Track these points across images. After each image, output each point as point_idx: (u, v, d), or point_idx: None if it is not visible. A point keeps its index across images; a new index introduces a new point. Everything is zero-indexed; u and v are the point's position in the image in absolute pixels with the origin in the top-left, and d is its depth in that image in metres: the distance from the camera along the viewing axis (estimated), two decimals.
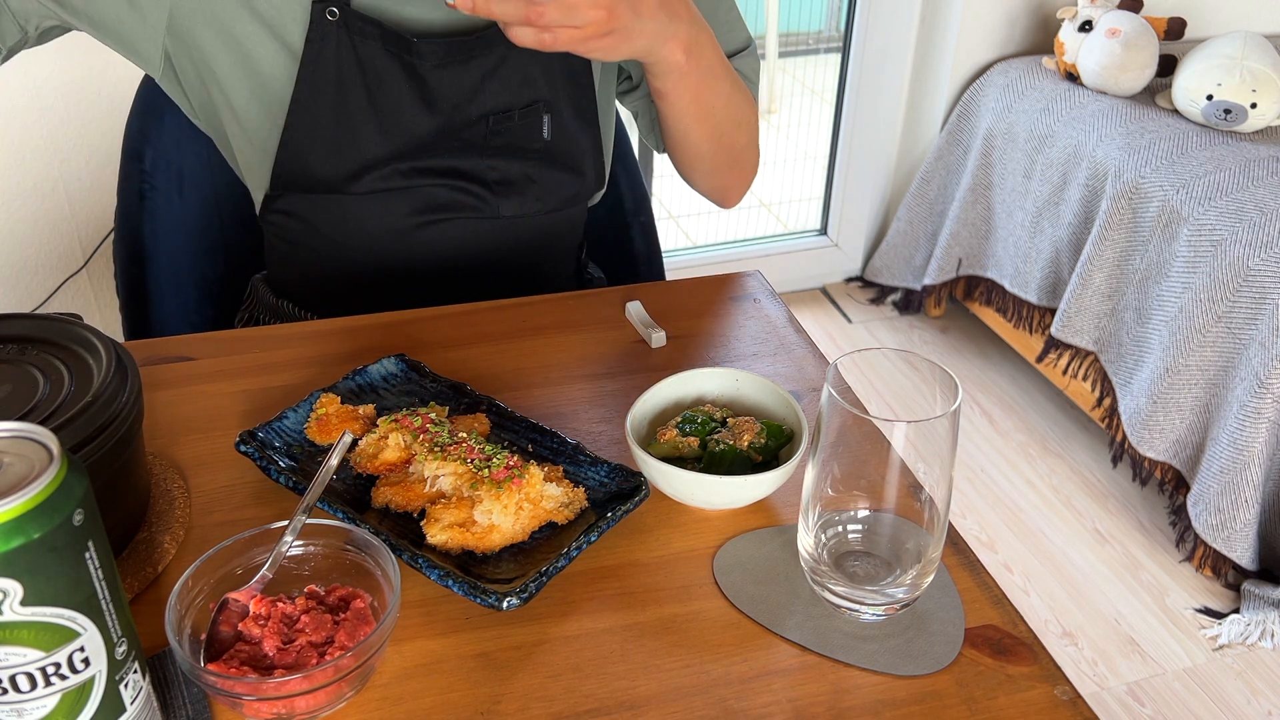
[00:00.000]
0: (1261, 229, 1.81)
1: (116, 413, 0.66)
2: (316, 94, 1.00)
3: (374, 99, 1.01)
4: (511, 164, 1.08)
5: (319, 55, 0.98)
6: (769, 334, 0.99)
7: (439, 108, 1.03)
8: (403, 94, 1.02)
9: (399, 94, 1.02)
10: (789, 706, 0.63)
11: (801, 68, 3.80)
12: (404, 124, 1.03)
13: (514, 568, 0.69)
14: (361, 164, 1.03)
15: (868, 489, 0.66)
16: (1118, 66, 2.16)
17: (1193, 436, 1.91)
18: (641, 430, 0.79)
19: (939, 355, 2.53)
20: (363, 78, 1.00)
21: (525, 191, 1.10)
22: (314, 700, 0.59)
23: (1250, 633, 1.79)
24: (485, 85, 1.03)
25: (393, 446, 0.75)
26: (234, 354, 0.93)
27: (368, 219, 1.07)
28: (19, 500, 0.46)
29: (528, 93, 1.05)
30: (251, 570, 0.64)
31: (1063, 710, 0.63)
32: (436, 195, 1.07)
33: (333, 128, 1.01)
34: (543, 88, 1.06)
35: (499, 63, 1.03)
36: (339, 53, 0.98)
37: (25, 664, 0.49)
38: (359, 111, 1.01)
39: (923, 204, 2.51)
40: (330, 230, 1.07)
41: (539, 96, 1.06)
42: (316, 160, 1.03)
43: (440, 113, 1.04)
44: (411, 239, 1.08)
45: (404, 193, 1.06)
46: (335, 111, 1.01)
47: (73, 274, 2.00)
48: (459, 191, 1.07)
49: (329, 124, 1.01)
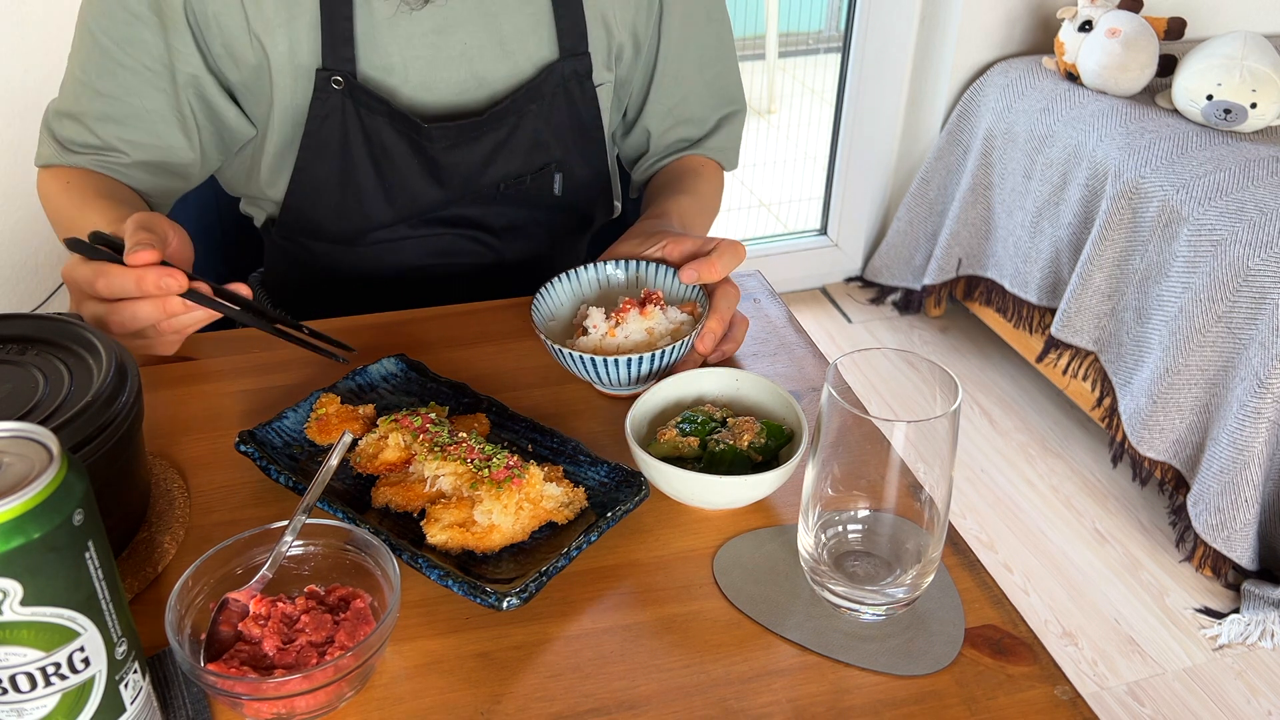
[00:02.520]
0: (1261, 229, 1.81)
1: (116, 413, 0.66)
2: (319, 158, 0.99)
3: (380, 170, 1.00)
4: (520, 211, 1.08)
5: (324, 122, 0.97)
6: (769, 334, 0.99)
7: (449, 183, 1.03)
8: (410, 169, 1.01)
9: (406, 169, 1.01)
10: (789, 706, 0.63)
11: (801, 68, 3.80)
12: (412, 194, 1.03)
13: (514, 568, 0.69)
14: (366, 226, 1.04)
15: (868, 489, 0.66)
16: (1118, 66, 2.16)
17: (1193, 436, 1.91)
18: (641, 430, 0.79)
19: (939, 355, 2.53)
20: (369, 149, 0.99)
21: (533, 236, 1.10)
22: (314, 700, 0.59)
23: (1250, 633, 1.79)
24: (496, 156, 1.03)
25: (393, 446, 0.75)
26: (234, 354, 0.93)
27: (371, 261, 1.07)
28: (19, 500, 0.46)
29: (539, 157, 1.05)
30: (251, 570, 0.64)
31: (1063, 710, 0.63)
32: (443, 242, 1.07)
33: (337, 192, 1.01)
34: (554, 149, 1.06)
35: (510, 132, 1.02)
36: (344, 121, 0.97)
37: (25, 664, 0.49)
38: (365, 179, 1.00)
39: (923, 204, 2.51)
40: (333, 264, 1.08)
41: (550, 158, 1.06)
42: (320, 218, 1.03)
43: (450, 186, 1.03)
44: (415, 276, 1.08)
45: (410, 241, 1.06)
46: (340, 177, 1.00)
47: None
48: (466, 239, 1.08)
49: (333, 189, 1.01)
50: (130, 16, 0.94)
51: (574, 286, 0.94)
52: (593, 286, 0.95)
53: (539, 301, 0.91)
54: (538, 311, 0.90)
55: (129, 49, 0.95)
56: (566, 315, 0.94)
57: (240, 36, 0.95)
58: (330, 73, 0.95)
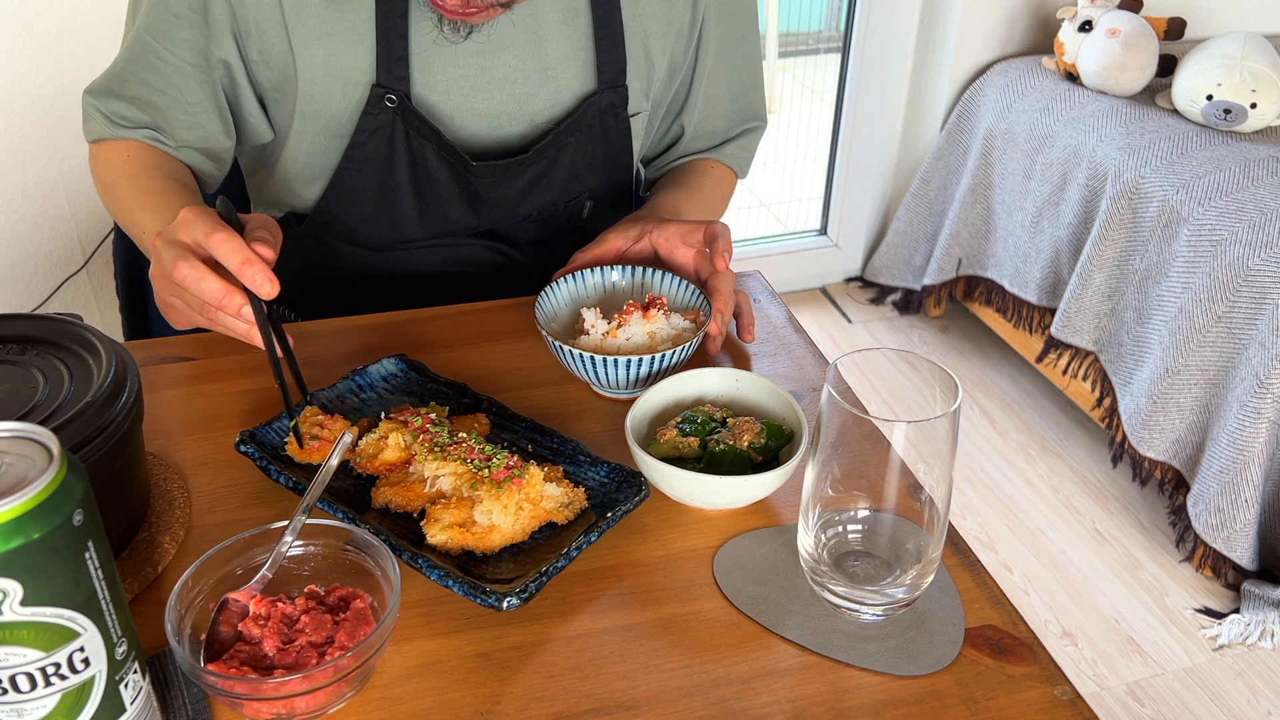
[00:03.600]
0: (1261, 229, 1.81)
1: (116, 413, 0.66)
2: (362, 171, 1.00)
3: (420, 192, 1.02)
4: (545, 229, 1.10)
5: (371, 136, 0.98)
6: (769, 334, 0.99)
7: (486, 213, 1.05)
8: (451, 197, 1.03)
9: (447, 196, 1.03)
10: (789, 706, 0.63)
11: (801, 68, 3.80)
12: (446, 216, 1.04)
13: (514, 568, 0.69)
14: (395, 239, 1.05)
15: (868, 489, 0.66)
16: (1118, 66, 2.16)
17: (1193, 436, 1.91)
18: (641, 430, 0.79)
19: (939, 355, 2.53)
20: (412, 171, 1.00)
21: (555, 250, 1.11)
22: (314, 700, 0.59)
23: (1250, 633, 1.79)
24: (534, 187, 1.05)
25: (393, 446, 0.75)
26: (234, 354, 0.93)
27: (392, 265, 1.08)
28: (19, 500, 0.46)
29: (575, 187, 1.07)
30: (251, 570, 0.64)
31: (1063, 710, 0.63)
32: (465, 251, 1.09)
33: (372, 205, 1.02)
34: (589, 179, 1.08)
35: (549, 165, 1.04)
36: (392, 139, 0.98)
37: (25, 664, 0.49)
38: (404, 198, 1.02)
39: (923, 204, 2.51)
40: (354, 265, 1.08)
41: (585, 188, 1.08)
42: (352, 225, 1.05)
43: (486, 216, 1.05)
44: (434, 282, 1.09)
45: (434, 250, 1.07)
46: (378, 191, 1.01)
47: (73, 274, 2.00)
48: (488, 250, 1.09)
49: (369, 200, 1.02)
50: (173, 17, 0.96)
51: (577, 288, 0.94)
52: (596, 289, 0.95)
53: (542, 301, 0.91)
54: (540, 310, 0.90)
55: (172, 46, 0.97)
56: (568, 316, 0.94)
57: (278, 44, 0.96)
58: (385, 90, 0.96)
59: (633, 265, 0.96)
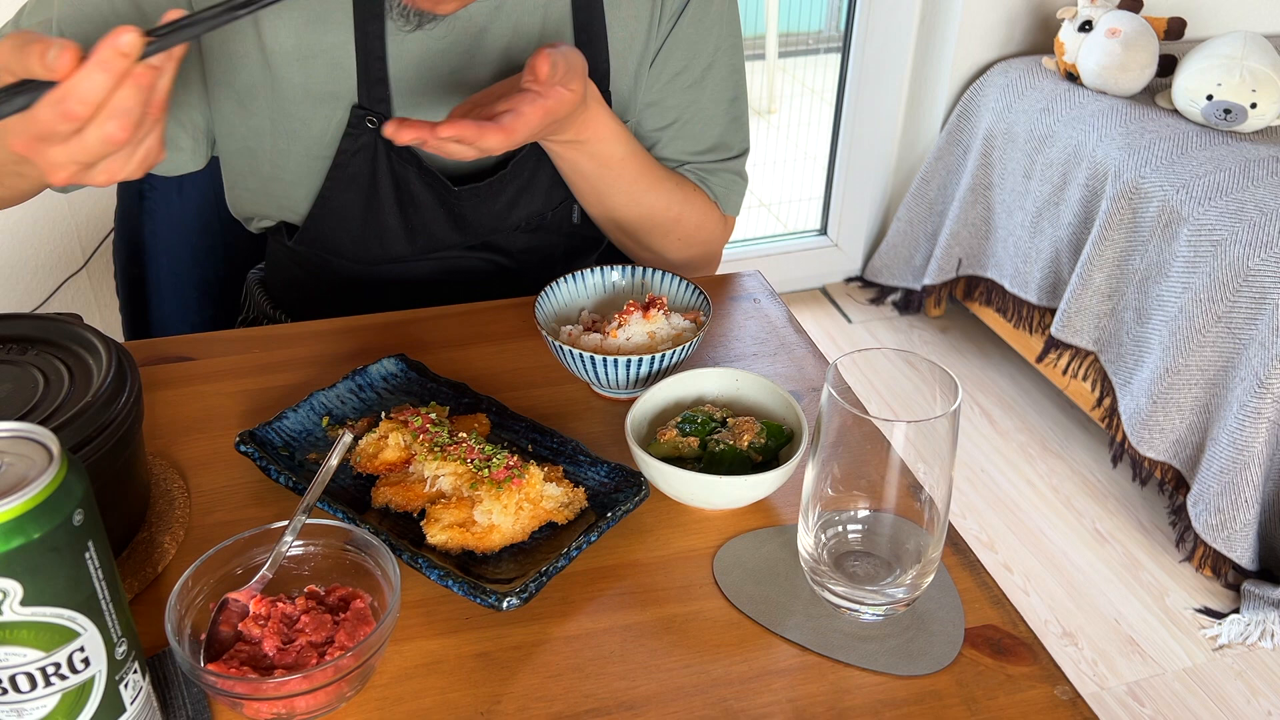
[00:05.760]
0: (1261, 229, 1.81)
1: (116, 413, 0.66)
2: (346, 190, 1.00)
3: (405, 213, 1.01)
4: (536, 237, 1.09)
5: (353, 157, 0.97)
6: (769, 334, 0.99)
7: (473, 230, 1.04)
8: (436, 217, 1.02)
9: (431, 217, 1.02)
10: (789, 706, 0.63)
11: (801, 68, 3.80)
12: (433, 236, 1.03)
13: (514, 568, 0.69)
14: (385, 255, 1.04)
15: (868, 489, 0.66)
16: (1118, 66, 2.16)
17: (1193, 436, 1.91)
18: (641, 430, 0.79)
19: (939, 355, 2.53)
20: (396, 194, 1.00)
21: (547, 257, 1.10)
22: (314, 700, 0.59)
23: (1250, 633, 1.79)
24: (519, 200, 1.04)
25: (393, 446, 0.75)
26: (234, 354, 0.93)
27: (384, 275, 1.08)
28: (19, 500, 0.46)
29: (559, 193, 1.06)
30: (251, 570, 0.64)
31: (1063, 710, 0.63)
32: (458, 263, 1.08)
33: (359, 223, 1.02)
34: None
35: (532, 176, 1.03)
36: (374, 160, 0.98)
37: (25, 664, 0.49)
38: (389, 218, 1.01)
39: (923, 204, 2.51)
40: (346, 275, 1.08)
41: (568, 194, 1.06)
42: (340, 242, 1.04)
43: (473, 232, 1.05)
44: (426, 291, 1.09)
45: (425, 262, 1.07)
46: (364, 210, 1.01)
47: (73, 274, 2.00)
48: (481, 260, 1.09)
49: (356, 218, 1.01)
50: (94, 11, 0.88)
51: (577, 288, 0.94)
52: (596, 289, 0.95)
53: (542, 301, 0.91)
54: (540, 310, 0.90)
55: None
56: (569, 317, 0.94)
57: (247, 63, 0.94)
58: (366, 111, 0.95)
59: (633, 265, 0.96)
